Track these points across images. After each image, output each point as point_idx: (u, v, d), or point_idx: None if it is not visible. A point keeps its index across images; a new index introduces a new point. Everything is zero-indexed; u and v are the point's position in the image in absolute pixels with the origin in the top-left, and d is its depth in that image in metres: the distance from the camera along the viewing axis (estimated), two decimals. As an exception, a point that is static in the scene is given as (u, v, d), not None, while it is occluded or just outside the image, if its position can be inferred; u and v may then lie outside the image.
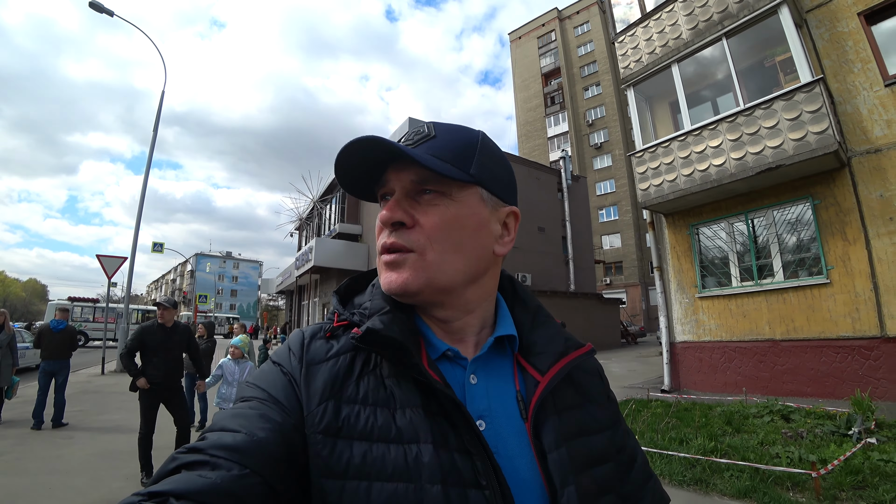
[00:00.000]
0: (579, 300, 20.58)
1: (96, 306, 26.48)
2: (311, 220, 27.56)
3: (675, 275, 8.92)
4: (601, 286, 35.67)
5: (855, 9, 7.29)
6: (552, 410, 0.60)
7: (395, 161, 0.59)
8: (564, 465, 0.55)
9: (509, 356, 0.64)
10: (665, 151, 8.38)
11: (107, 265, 10.71)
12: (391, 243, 0.58)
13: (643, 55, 9.14)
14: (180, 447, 0.49)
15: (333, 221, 23.57)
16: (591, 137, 41.72)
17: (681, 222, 8.88)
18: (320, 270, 22.12)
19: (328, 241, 21.48)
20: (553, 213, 23.70)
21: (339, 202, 23.38)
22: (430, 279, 0.57)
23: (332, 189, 24.44)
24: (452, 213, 0.58)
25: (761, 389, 7.44)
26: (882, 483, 3.47)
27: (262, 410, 0.52)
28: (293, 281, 26.50)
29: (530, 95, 47.35)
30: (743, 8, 7.75)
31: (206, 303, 34.34)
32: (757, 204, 7.86)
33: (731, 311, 8.06)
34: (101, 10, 13.94)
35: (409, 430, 0.52)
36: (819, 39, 7.60)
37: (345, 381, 0.55)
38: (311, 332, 0.62)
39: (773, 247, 7.70)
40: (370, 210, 21.51)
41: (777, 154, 6.93)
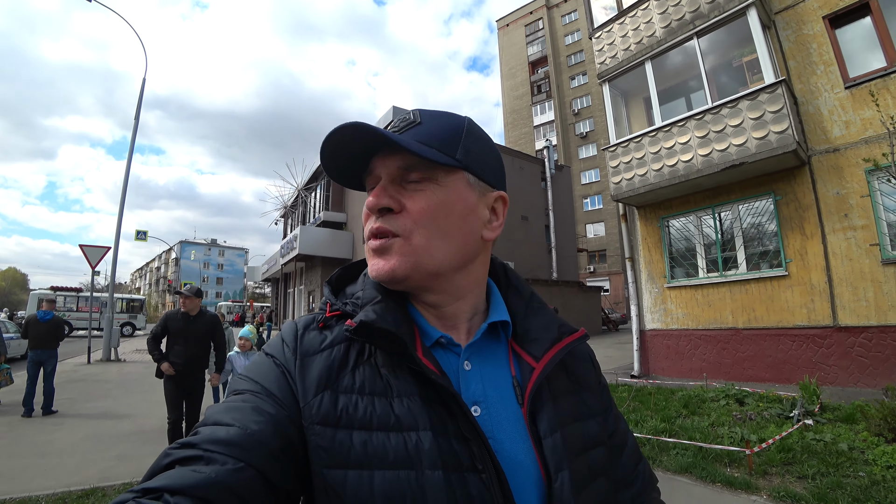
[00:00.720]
0: (560, 288, 21.00)
1: (80, 295, 26.28)
2: (295, 208, 27.53)
3: (645, 265, 9.27)
4: (585, 274, 36.26)
5: (820, 12, 7.57)
6: (547, 396, 0.61)
7: (381, 148, 0.59)
8: (559, 450, 0.56)
9: (503, 343, 0.65)
10: (636, 146, 8.67)
11: (90, 255, 10.76)
12: (377, 227, 0.58)
13: (618, 51, 9.37)
14: (175, 442, 0.50)
15: (318, 209, 23.63)
16: (577, 127, 41.98)
17: (652, 215, 9.21)
18: (305, 258, 22.23)
19: (313, 229, 21.56)
20: (536, 201, 23.99)
21: (323, 190, 23.41)
22: (417, 263, 0.58)
23: (316, 177, 24.44)
24: (439, 198, 0.59)
25: (724, 375, 7.85)
26: (809, 459, 3.84)
27: (256, 403, 0.52)
28: (279, 269, 26.56)
29: (517, 83, 47.36)
30: (714, 8, 8.00)
31: (192, 290, 34.20)
32: (723, 199, 8.20)
33: (698, 300, 8.44)
34: (79, -4, 13.73)
35: (408, 417, 0.52)
36: (786, 41, 7.89)
37: (340, 372, 0.56)
38: (305, 324, 0.62)
39: (738, 240, 8.07)
40: (355, 198, 21.59)
41: (741, 152, 7.25)
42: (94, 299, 15.38)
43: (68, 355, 13.37)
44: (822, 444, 4.15)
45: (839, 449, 4.02)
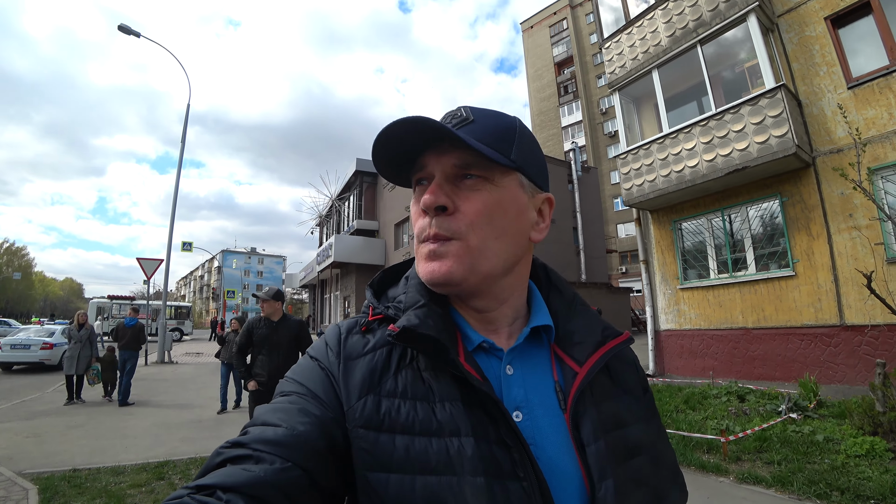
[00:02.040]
0: (588, 289, 21.13)
1: (133, 303, 28.22)
2: (330, 217, 28.65)
3: (659, 268, 9.53)
4: (617, 275, 35.96)
5: (822, 13, 7.71)
6: (591, 401, 0.59)
7: (435, 144, 0.58)
8: (603, 457, 0.55)
9: (546, 347, 0.63)
10: (646, 153, 8.97)
11: (146, 267, 11.91)
12: (434, 234, 0.57)
13: (627, 61, 9.68)
14: (226, 442, 0.50)
15: (351, 218, 24.62)
16: (606, 126, 41.68)
17: (664, 218, 9.47)
18: (340, 265, 23.21)
19: (347, 237, 22.53)
20: (564, 204, 24.16)
21: (356, 199, 24.37)
22: (473, 267, 0.57)
23: (349, 187, 25.43)
24: (495, 199, 0.58)
25: (735, 374, 8.05)
26: (782, 448, 4.17)
27: (302, 405, 0.53)
28: (315, 275, 27.71)
29: (543, 85, 47.40)
30: (715, 16, 8.24)
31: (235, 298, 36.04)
32: (732, 201, 8.41)
33: (709, 301, 8.66)
34: (129, 33, 15.03)
35: (450, 423, 0.52)
36: (789, 43, 8.05)
37: (383, 376, 0.56)
38: (348, 327, 0.63)
39: (747, 241, 8.25)
40: (386, 206, 22.42)
41: (743, 156, 7.49)
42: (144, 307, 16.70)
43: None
44: (800, 435, 4.46)
45: (814, 440, 4.33)
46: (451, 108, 0.62)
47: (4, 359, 12.13)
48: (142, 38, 15.45)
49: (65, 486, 3.56)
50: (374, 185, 24.08)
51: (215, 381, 8.35)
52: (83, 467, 4.04)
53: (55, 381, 9.98)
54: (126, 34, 15.07)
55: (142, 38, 15.45)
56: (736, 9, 7.93)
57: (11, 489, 3.47)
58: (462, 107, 0.61)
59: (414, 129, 0.55)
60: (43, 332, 13.29)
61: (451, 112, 0.61)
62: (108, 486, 3.58)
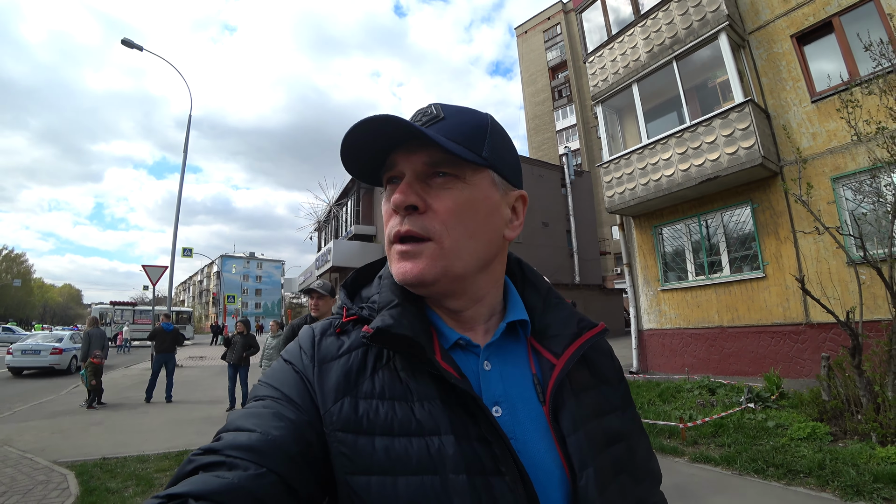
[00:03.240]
0: (581, 291, 21.68)
1: (135, 309, 28.63)
2: (328, 222, 29.15)
3: (641, 270, 10.04)
4: (612, 276, 36.50)
5: (788, 31, 8.25)
6: (569, 393, 0.60)
7: (405, 142, 0.57)
8: (583, 448, 0.55)
9: (523, 341, 0.64)
10: (626, 163, 9.49)
11: (151, 274, 12.38)
12: (406, 231, 0.57)
13: (609, 74, 10.21)
14: (197, 449, 0.49)
15: (349, 223, 25.11)
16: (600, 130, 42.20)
17: (646, 224, 9.98)
18: (339, 270, 23.67)
19: (344, 242, 23.04)
20: (557, 207, 24.71)
21: (353, 205, 24.86)
22: (447, 268, 0.57)
23: (346, 192, 25.92)
24: (466, 198, 0.58)
25: (712, 370, 8.54)
26: (735, 433, 4.67)
27: (276, 409, 0.53)
28: (314, 280, 28.19)
29: (538, 89, 48.00)
30: (689, 34, 8.77)
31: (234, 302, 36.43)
32: (707, 207, 8.92)
33: (688, 301, 9.17)
34: (131, 47, 15.47)
35: (429, 422, 0.52)
36: (759, 59, 8.58)
37: (359, 377, 0.55)
38: (322, 329, 0.62)
39: (722, 245, 8.77)
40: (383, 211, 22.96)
41: (715, 166, 8.01)
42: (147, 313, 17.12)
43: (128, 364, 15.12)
44: (754, 422, 4.97)
45: (766, 426, 4.83)
46: (424, 106, 0.61)
47: (16, 364, 12.60)
48: (144, 51, 15.94)
49: (98, 471, 4.05)
50: (370, 191, 24.57)
51: (221, 382, 8.85)
52: (111, 456, 4.54)
53: (67, 385, 10.48)
54: (129, 48, 15.53)
55: (144, 51, 15.94)
56: (708, 27, 8.46)
57: (51, 475, 3.96)
58: (433, 104, 0.61)
59: (382, 128, 0.55)
60: (52, 337, 13.76)
61: (422, 109, 0.60)
62: (136, 471, 4.07)
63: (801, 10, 8.07)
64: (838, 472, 3.58)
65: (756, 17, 8.67)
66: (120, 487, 3.66)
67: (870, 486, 3.34)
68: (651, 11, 9.45)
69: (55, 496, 3.50)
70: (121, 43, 15.48)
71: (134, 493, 3.59)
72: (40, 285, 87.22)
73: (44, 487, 3.66)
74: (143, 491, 3.60)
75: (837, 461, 3.76)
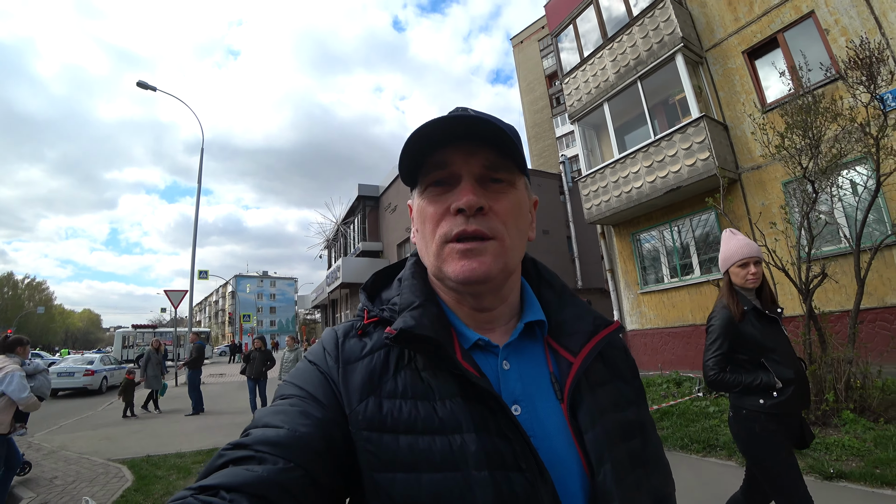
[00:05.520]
0: (584, 294, 22.32)
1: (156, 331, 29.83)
2: (336, 240, 30.22)
3: (622, 275, 10.81)
4: (617, 277, 36.94)
5: (740, 48, 9.02)
6: (586, 389, 0.62)
7: (458, 142, 0.60)
8: (601, 443, 0.57)
9: (540, 340, 0.66)
10: (601, 176, 10.30)
11: (173, 298, 13.46)
12: (474, 230, 0.58)
13: (582, 94, 11.07)
14: (227, 444, 0.52)
15: (356, 240, 26.15)
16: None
17: (624, 231, 10.75)
18: (348, 286, 24.66)
19: (353, 259, 24.06)
20: (557, 214, 25.45)
21: (360, 223, 25.91)
22: (506, 265, 0.60)
23: (353, 211, 26.99)
24: (516, 200, 0.62)
25: (689, 365, 9.24)
26: (677, 419, 5.43)
27: (302, 407, 0.55)
28: (326, 296, 29.20)
29: (536, 97, 48.94)
30: (650, 55, 9.59)
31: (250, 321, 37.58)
32: (677, 214, 9.68)
33: (664, 302, 9.90)
34: (146, 88, 16.70)
35: (451, 419, 0.54)
36: (716, 74, 9.36)
37: (382, 377, 0.58)
38: (344, 331, 0.65)
39: (692, 248, 9.51)
40: (388, 227, 23.89)
41: (677, 177, 8.79)
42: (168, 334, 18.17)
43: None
44: (698, 408, 5.72)
45: (707, 411, 5.58)
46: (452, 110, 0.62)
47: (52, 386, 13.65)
48: (158, 91, 17.17)
49: (145, 465, 4.99)
50: (376, 209, 25.61)
51: (242, 395, 9.79)
52: (154, 454, 5.47)
53: (101, 403, 11.54)
54: (144, 89, 16.74)
55: (158, 91, 17.17)
56: (666, 49, 9.28)
57: (108, 468, 4.91)
58: (466, 109, 0.62)
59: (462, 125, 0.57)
60: (83, 360, 14.85)
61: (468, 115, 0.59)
62: (177, 464, 5.01)
63: (750, 27, 8.86)
64: (745, 440, 4.35)
65: (711, 35, 9.47)
66: (165, 475, 4.59)
67: (766, 451, 4.10)
68: (617, 35, 10.30)
69: (115, 482, 4.43)
70: (136, 85, 16.66)
71: (177, 478, 4.51)
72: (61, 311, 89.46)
73: (105, 476, 4.60)
74: (183, 477, 4.53)
75: (750, 432, 4.53)
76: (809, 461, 3.85)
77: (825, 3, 7.89)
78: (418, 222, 0.65)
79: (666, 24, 9.32)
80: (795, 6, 8.26)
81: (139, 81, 16.54)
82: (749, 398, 2.16)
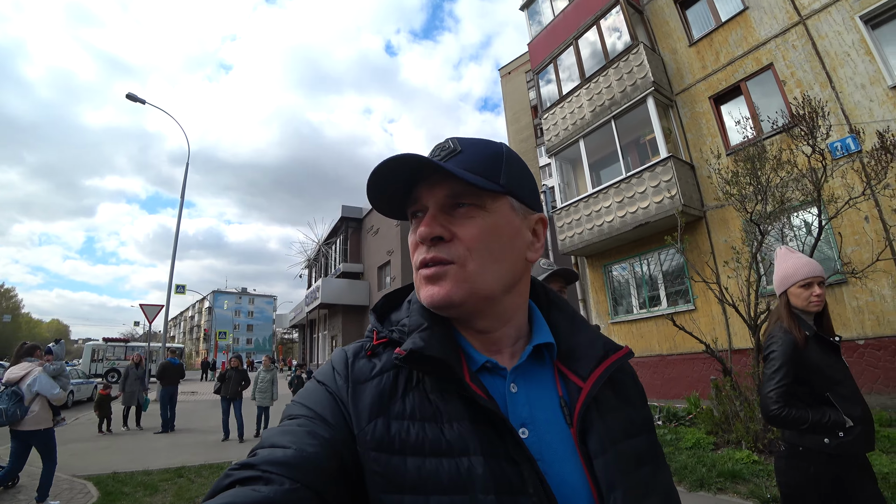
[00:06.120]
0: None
1: (127, 346, 29.12)
2: (317, 260, 30.19)
3: (594, 305, 11.14)
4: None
5: (707, 93, 9.62)
6: (596, 415, 0.61)
7: (426, 177, 0.62)
8: (611, 469, 0.57)
9: (549, 364, 0.66)
10: (575, 210, 10.72)
11: (148, 312, 13.34)
12: (431, 257, 0.60)
13: (560, 130, 11.57)
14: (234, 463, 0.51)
15: (337, 261, 26.20)
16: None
17: (597, 263, 11.14)
18: (327, 306, 24.59)
19: (333, 280, 24.06)
20: (536, 242, 25.98)
21: (342, 244, 26.01)
22: (472, 289, 0.60)
23: (335, 232, 27.11)
24: (489, 224, 0.61)
25: (656, 394, 9.53)
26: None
27: (310, 427, 0.55)
28: (304, 316, 28.99)
29: (521, 127, 49.97)
30: (624, 96, 10.14)
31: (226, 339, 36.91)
32: (647, 248, 10.10)
33: (633, 333, 10.24)
34: (135, 100, 16.80)
35: (459, 442, 0.54)
36: (685, 117, 9.94)
37: (391, 398, 0.58)
38: (354, 352, 0.65)
39: (659, 281, 9.91)
40: (370, 249, 24.05)
41: (646, 213, 9.23)
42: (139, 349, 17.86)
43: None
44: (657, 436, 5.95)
45: (665, 439, 5.82)
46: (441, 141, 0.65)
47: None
48: (147, 104, 17.28)
49: (111, 481, 4.99)
50: (358, 231, 25.78)
51: (213, 413, 9.75)
52: (121, 471, 5.47)
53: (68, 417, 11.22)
54: (133, 101, 16.83)
55: (147, 104, 17.28)
56: (638, 91, 9.83)
57: (73, 484, 4.91)
58: (450, 138, 0.65)
59: (402, 165, 0.59)
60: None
61: (440, 144, 0.64)
62: (144, 481, 5.01)
63: (716, 75, 9.48)
64: (693, 470, 4.59)
65: (681, 80, 10.08)
66: (132, 492, 4.61)
67: (712, 480, 4.35)
68: (594, 76, 10.87)
69: (80, 498, 4.46)
70: (126, 97, 16.76)
71: (143, 495, 4.53)
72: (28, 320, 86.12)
73: (69, 492, 4.61)
74: (150, 494, 4.55)
75: (699, 463, 4.78)
76: (751, 486, 4.10)
77: (783, 57, 8.51)
78: None
79: (639, 68, 9.91)
80: (756, 58, 8.90)
81: (129, 94, 16.64)
82: (811, 436, 1.91)
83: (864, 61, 7.51)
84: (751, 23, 8.99)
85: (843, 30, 7.74)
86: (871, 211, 7.17)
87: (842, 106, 7.75)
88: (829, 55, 7.90)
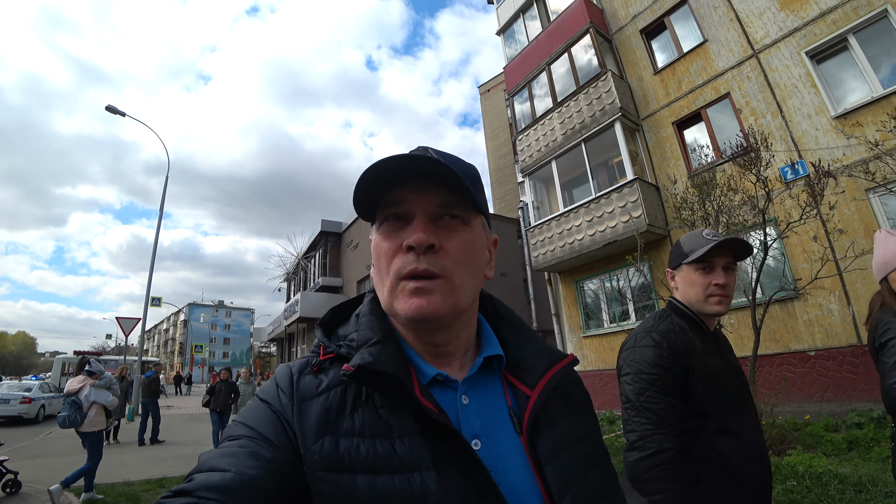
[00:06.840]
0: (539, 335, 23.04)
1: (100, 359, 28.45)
2: (296, 274, 30.14)
3: (567, 320, 11.56)
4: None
5: (670, 119, 10.20)
6: (545, 422, 0.62)
7: (409, 180, 0.61)
8: (562, 475, 0.58)
9: (497, 375, 0.67)
10: (548, 228, 11.18)
11: (124, 325, 13.25)
12: (424, 270, 0.58)
13: (533, 151, 12.08)
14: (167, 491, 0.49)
15: (316, 275, 26.24)
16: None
17: (569, 279, 11.58)
18: (306, 320, 24.55)
19: (312, 294, 24.09)
20: (514, 258, 26.41)
21: (321, 258, 26.09)
22: (455, 304, 0.60)
23: (314, 246, 27.17)
24: (470, 239, 0.63)
25: (624, 404, 9.91)
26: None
27: (252, 448, 0.53)
28: (283, 330, 28.83)
29: (500, 144, 50.87)
30: (593, 121, 10.69)
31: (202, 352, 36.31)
32: (616, 265, 10.56)
33: (604, 346, 10.65)
34: (115, 112, 16.77)
35: (411, 458, 0.53)
36: (651, 141, 10.51)
37: (339, 416, 0.56)
38: (299, 368, 0.63)
39: (628, 296, 10.37)
40: (349, 264, 24.21)
41: (614, 232, 9.71)
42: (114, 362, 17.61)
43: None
44: (620, 444, 6.30)
45: (627, 444, 6.17)
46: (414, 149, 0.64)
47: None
48: (127, 117, 17.25)
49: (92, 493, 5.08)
50: (338, 245, 25.92)
51: (190, 427, 9.85)
52: (100, 483, 5.53)
53: (38, 433, 11.11)
54: (113, 114, 16.79)
55: (127, 117, 17.25)
56: (606, 116, 10.39)
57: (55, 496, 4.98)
58: (427, 148, 0.64)
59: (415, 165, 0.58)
60: (20, 387, 14.15)
61: (421, 154, 0.60)
62: (125, 492, 5.15)
63: (679, 102, 10.09)
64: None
65: (647, 106, 10.68)
66: (113, 502, 4.74)
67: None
68: (565, 100, 11.42)
69: (63, 508, 4.56)
70: (105, 109, 16.74)
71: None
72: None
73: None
74: (132, 503, 4.70)
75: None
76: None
77: (738, 87, 9.15)
78: (374, 257, 0.65)
79: (607, 94, 10.48)
80: (715, 87, 9.53)
81: (108, 106, 16.63)
82: None
83: (810, 93, 8.15)
84: (710, 54, 9.64)
85: (791, 64, 8.41)
86: (819, 231, 7.75)
87: (791, 134, 8.37)
88: (779, 87, 8.55)
